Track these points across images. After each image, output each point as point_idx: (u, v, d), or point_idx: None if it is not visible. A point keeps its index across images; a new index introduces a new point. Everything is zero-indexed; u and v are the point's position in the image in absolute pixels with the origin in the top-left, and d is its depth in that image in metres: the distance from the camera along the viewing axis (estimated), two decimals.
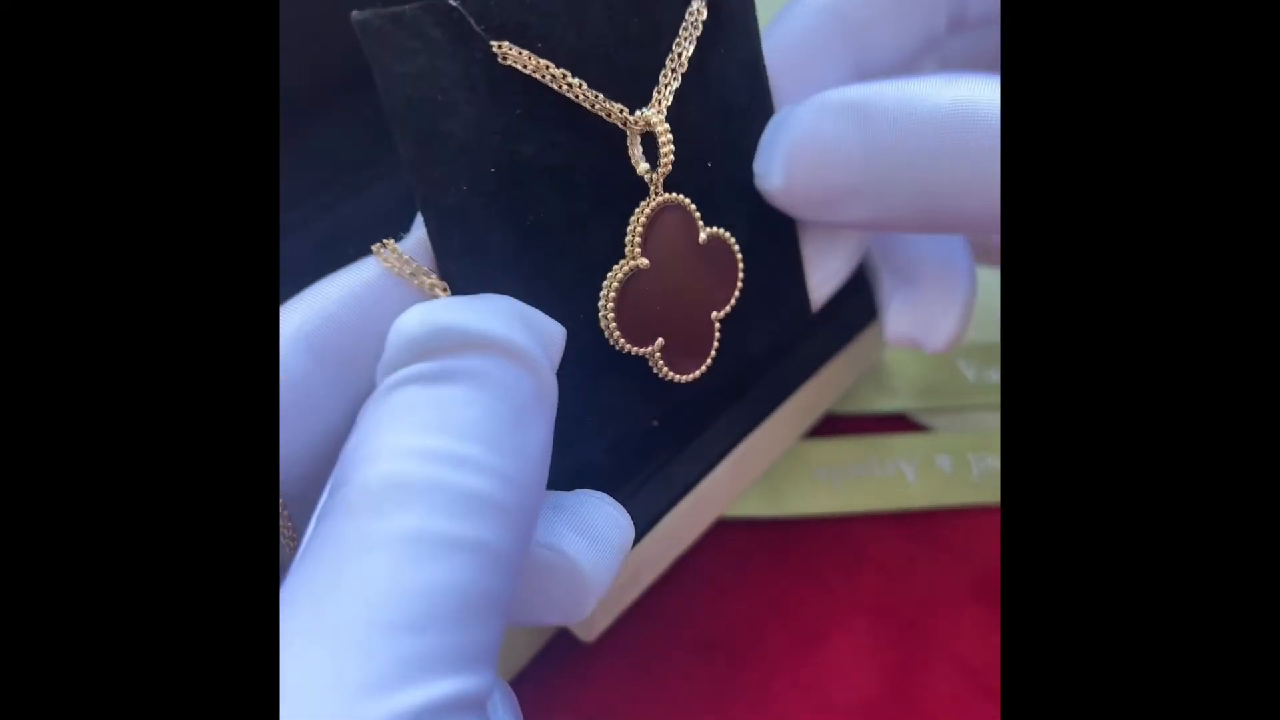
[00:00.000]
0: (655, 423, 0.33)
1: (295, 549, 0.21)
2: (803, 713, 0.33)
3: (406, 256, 0.21)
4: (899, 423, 0.40)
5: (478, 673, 0.16)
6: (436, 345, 0.18)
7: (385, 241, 0.22)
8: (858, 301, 0.35)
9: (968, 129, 0.21)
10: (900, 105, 0.22)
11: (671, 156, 0.22)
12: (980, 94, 0.21)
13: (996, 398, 0.40)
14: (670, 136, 0.22)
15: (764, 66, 0.25)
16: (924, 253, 0.28)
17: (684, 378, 0.24)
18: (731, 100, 0.24)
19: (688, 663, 0.34)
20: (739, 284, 0.24)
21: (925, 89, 0.22)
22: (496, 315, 0.18)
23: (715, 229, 0.24)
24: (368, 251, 0.23)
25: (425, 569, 0.16)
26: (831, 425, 0.40)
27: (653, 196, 0.22)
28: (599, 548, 0.22)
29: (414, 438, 0.17)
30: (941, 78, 0.22)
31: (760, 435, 0.35)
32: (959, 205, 0.22)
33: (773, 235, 0.25)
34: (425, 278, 0.21)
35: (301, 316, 0.21)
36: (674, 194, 0.23)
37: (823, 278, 0.28)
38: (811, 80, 0.25)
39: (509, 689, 0.21)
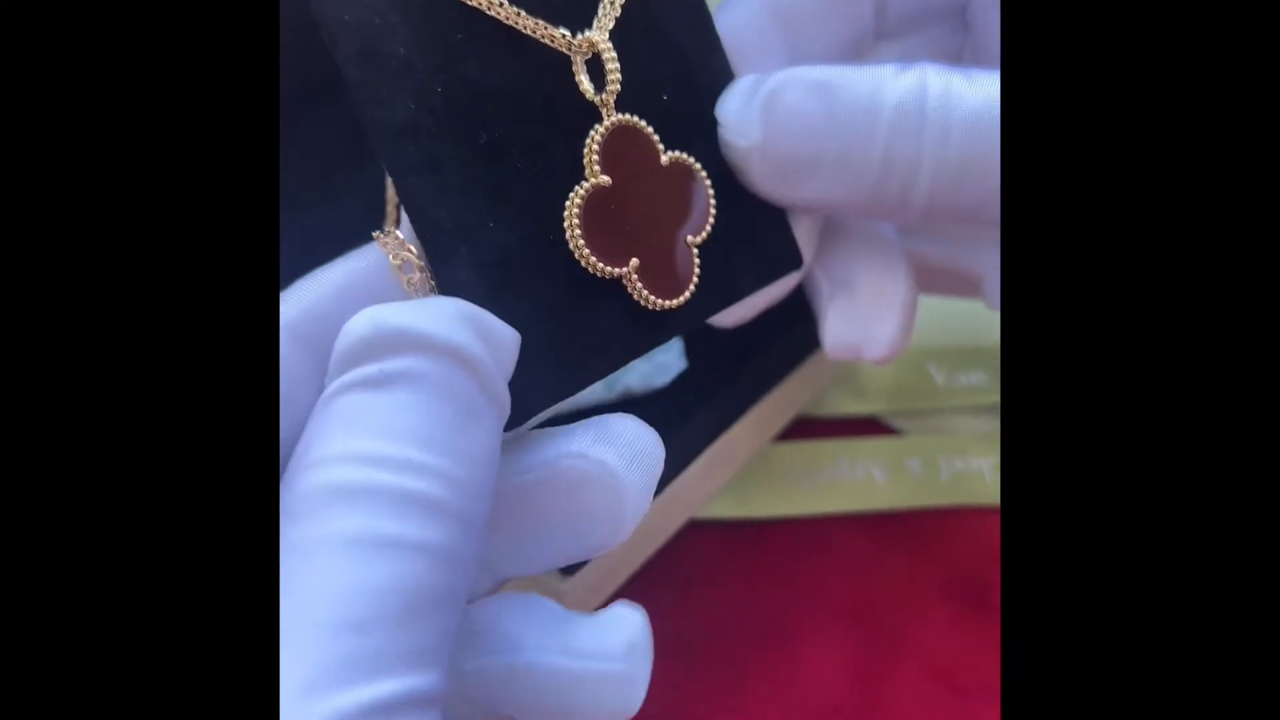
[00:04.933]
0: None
1: None
2: (773, 714, 0.33)
3: (406, 244, 0.21)
4: (869, 426, 0.41)
5: (427, 672, 0.17)
6: (379, 347, 0.18)
7: (388, 229, 0.22)
8: None
9: (918, 115, 0.23)
10: (861, 83, 0.24)
11: (619, 77, 0.23)
12: (932, 82, 0.24)
13: (966, 401, 0.41)
14: (615, 55, 0.23)
15: (708, 14, 0.26)
16: (860, 259, 0.29)
17: (667, 303, 0.23)
18: (680, 38, 0.25)
19: (658, 664, 0.34)
20: (712, 211, 0.24)
21: (885, 71, 0.24)
22: (441, 317, 0.19)
23: (678, 154, 0.24)
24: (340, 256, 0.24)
25: (367, 569, 0.16)
26: (802, 428, 0.40)
27: (606, 118, 0.23)
28: (635, 459, 0.21)
29: (352, 444, 0.17)
30: (901, 64, 0.24)
31: (731, 437, 0.36)
32: (904, 188, 0.24)
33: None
34: (413, 275, 0.21)
35: (292, 308, 0.21)
36: (628, 115, 0.23)
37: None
38: (751, 63, 0.26)
39: None
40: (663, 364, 0.35)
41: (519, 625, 0.21)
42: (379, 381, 0.18)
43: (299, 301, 0.21)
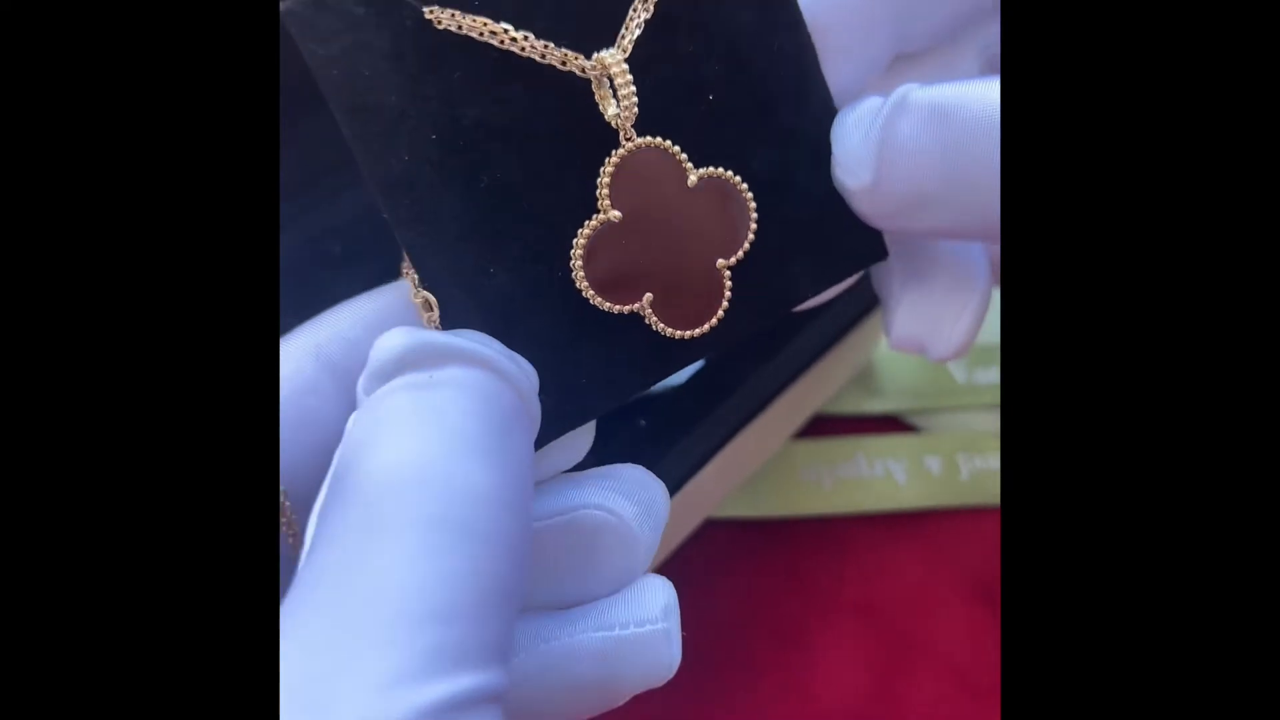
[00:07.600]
0: (643, 422, 0.33)
1: (297, 546, 0.21)
2: (789, 714, 0.33)
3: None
4: (888, 424, 0.40)
5: (498, 667, 0.16)
6: (419, 359, 0.19)
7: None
8: (847, 299, 0.35)
9: None
10: (984, 108, 0.21)
11: (634, 100, 0.21)
12: None
13: (986, 399, 0.40)
14: (630, 79, 0.21)
15: None
16: (942, 249, 0.26)
17: (690, 333, 0.23)
18: (734, 23, 0.23)
19: None
20: (752, 226, 0.23)
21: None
22: (474, 337, 0.19)
23: (711, 170, 0.22)
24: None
25: (443, 558, 0.16)
26: (820, 426, 0.40)
27: (623, 144, 0.21)
28: (646, 511, 0.22)
29: (413, 437, 0.18)
30: None
31: (748, 436, 0.35)
32: None
33: (814, 165, 0.24)
34: (432, 313, 0.22)
35: (323, 330, 0.22)
36: (649, 138, 0.22)
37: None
38: (851, 42, 0.24)
39: None
40: None
41: (543, 622, 0.21)
42: (429, 385, 0.18)
43: (331, 325, 0.22)
